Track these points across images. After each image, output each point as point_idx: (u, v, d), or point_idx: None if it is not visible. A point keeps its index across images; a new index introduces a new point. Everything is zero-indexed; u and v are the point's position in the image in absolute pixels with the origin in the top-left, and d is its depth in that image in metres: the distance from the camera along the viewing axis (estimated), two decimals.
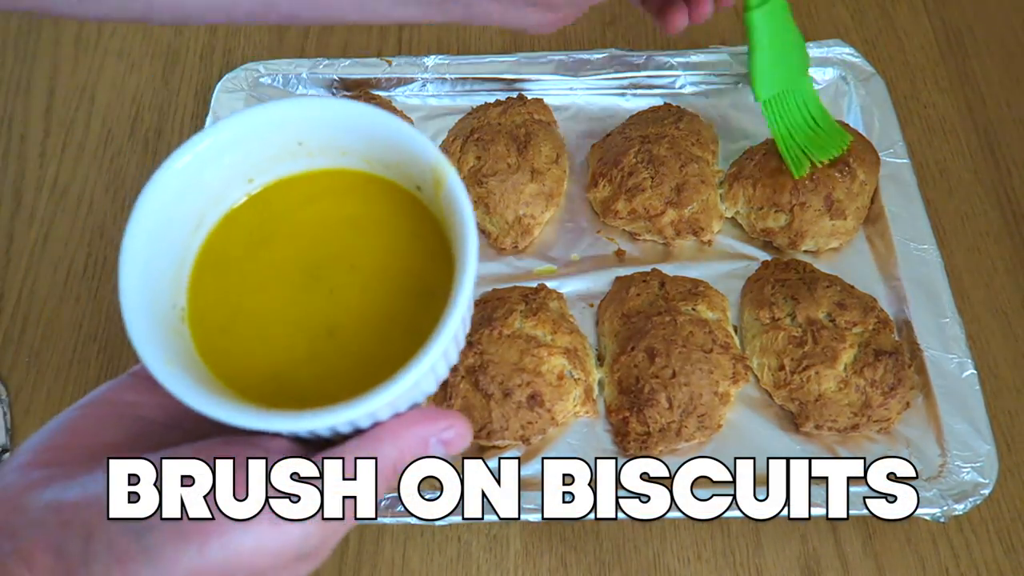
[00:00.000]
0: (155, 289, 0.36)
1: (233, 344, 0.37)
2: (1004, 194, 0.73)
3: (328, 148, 0.39)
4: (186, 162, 0.37)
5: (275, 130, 0.38)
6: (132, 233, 0.35)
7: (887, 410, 0.59)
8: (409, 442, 0.34)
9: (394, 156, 0.38)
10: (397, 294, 0.37)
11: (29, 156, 0.76)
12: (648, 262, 0.68)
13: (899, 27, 0.83)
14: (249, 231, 0.39)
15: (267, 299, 0.38)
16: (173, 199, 0.36)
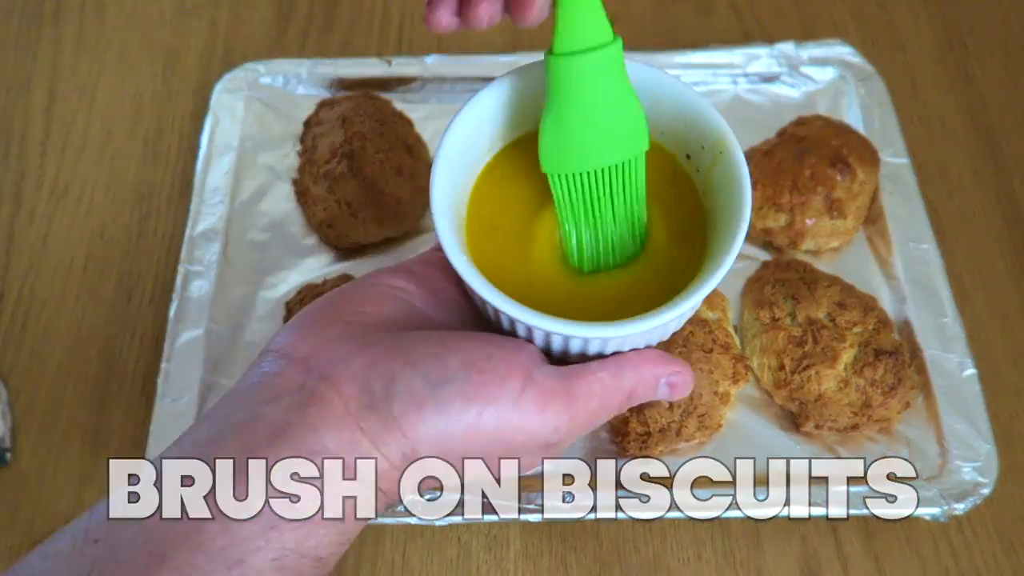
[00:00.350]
0: (454, 191, 0.40)
1: (498, 260, 0.41)
2: (1004, 194, 0.73)
3: None
4: (492, 96, 0.42)
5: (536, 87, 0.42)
6: (446, 145, 0.40)
7: (887, 410, 0.59)
8: (645, 376, 0.39)
9: (674, 120, 0.42)
10: (654, 242, 0.42)
11: (29, 156, 0.76)
12: None
13: (899, 27, 0.83)
14: (524, 165, 0.43)
15: (530, 225, 0.42)
16: (477, 124, 0.42)
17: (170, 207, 0.73)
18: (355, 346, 0.35)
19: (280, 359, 0.36)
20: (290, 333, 0.37)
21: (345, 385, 0.34)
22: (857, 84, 0.74)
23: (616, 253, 0.43)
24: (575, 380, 0.37)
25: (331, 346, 0.36)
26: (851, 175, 0.66)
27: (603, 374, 0.38)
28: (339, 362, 0.35)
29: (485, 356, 0.36)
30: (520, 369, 0.36)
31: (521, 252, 0.42)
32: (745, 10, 0.84)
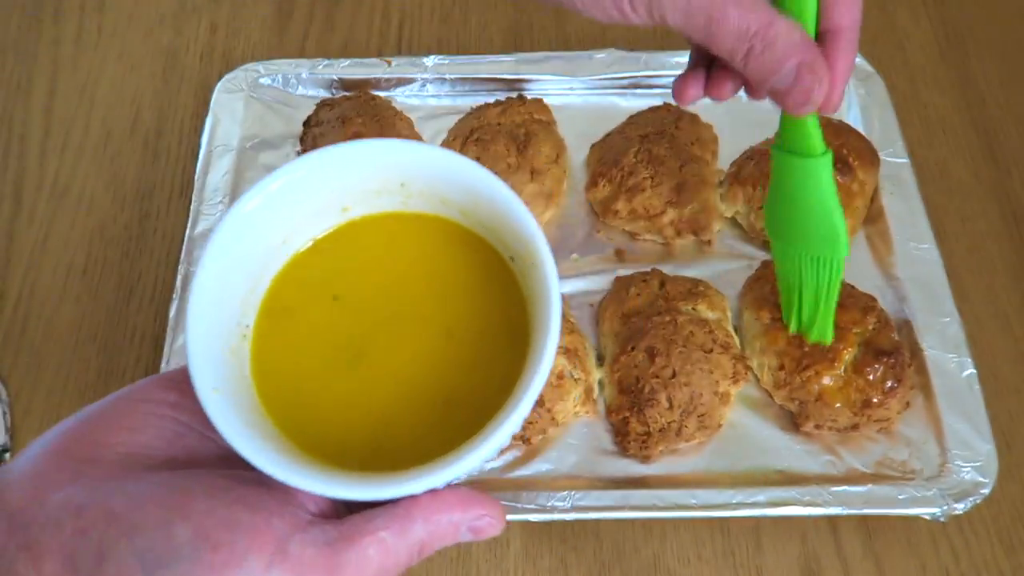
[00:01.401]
0: (224, 306, 0.35)
1: (290, 374, 0.36)
2: (1004, 194, 0.73)
3: (429, 194, 0.38)
4: (283, 181, 0.36)
5: (381, 167, 0.38)
6: (216, 242, 0.34)
7: (887, 410, 0.59)
8: (440, 526, 0.33)
9: (493, 220, 0.37)
10: (472, 358, 0.36)
11: (29, 156, 0.76)
12: (648, 262, 0.68)
13: (899, 27, 0.83)
14: (332, 261, 0.38)
15: (336, 332, 0.37)
16: (264, 213, 0.36)
17: (170, 207, 0.73)
18: (75, 503, 0.29)
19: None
20: (18, 466, 0.31)
21: (47, 560, 0.29)
22: (857, 84, 0.74)
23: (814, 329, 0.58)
24: (345, 547, 0.31)
25: (50, 497, 0.30)
26: (851, 175, 0.66)
27: (384, 533, 0.31)
28: (48, 524, 0.29)
29: (228, 524, 0.29)
30: (270, 539, 0.30)
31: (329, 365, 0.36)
32: None
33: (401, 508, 0.32)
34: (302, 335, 0.37)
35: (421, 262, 0.39)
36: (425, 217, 0.39)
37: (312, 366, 0.36)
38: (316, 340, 0.37)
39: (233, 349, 0.35)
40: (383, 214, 0.39)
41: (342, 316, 0.37)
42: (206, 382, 0.31)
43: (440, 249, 0.39)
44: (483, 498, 0.34)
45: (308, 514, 0.32)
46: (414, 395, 0.36)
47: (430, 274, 0.38)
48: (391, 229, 0.39)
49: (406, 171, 0.38)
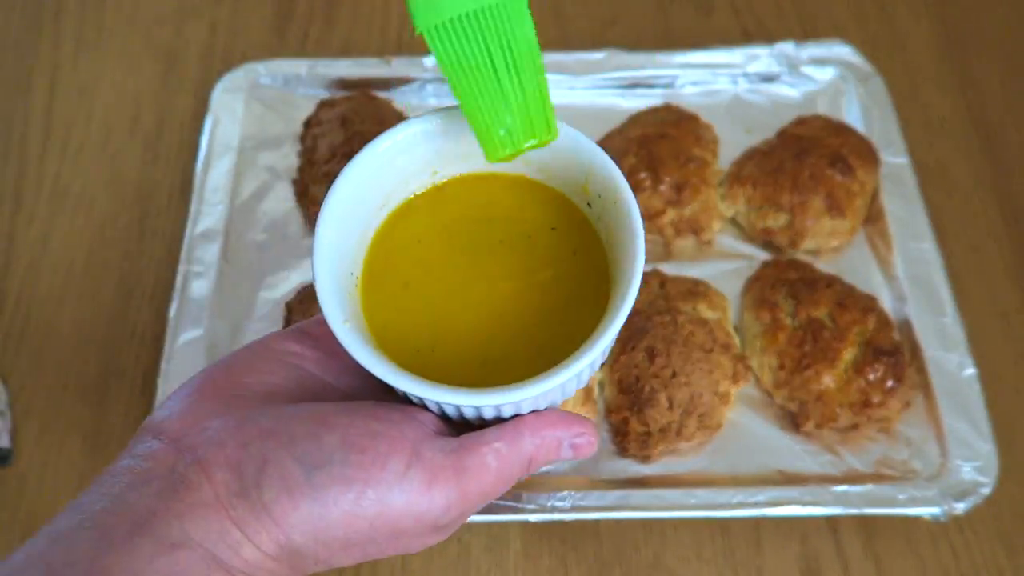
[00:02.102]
0: (341, 255, 0.39)
1: (395, 318, 0.39)
2: (1004, 194, 0.73)
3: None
4: (385, 147, 0.40)
5: (466, 130, 0.39)
6: (331, 202, 0.39)
7: (887, 410, 0.59)
8: (546, 441, 0.36)
9: (572, 172, 0.41)
10: (558, 298, 0.39)
11: (29, 156, 0.76)
12: (648, 262, 0.68)
13: (899, 27, 0.83)
14: (425, 217, 0.42)
15: (433, 281, 0.40)
16: (368, 178, 0.40)
17: (170, 207, 0.73)
18: (232, 425, 0.33)
19: (153, 438, 0.34)
20: (169, 407, 0.35)
21: (216, 469, 0.32)
22: (857, 84, 0.74)
23: (524, 127, 0.38)
24: (467, 454, 0.34)
25: (207, 424, 0.34)
26: (851, 175, 0.66)
27: (499, 444, 0.35)
28: (212, 444, 0.33)
29: (368, 433, 0.33)
30: (406, 445, 0.33)
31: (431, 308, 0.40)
32: (745, 10, 0.84)
33: (511, 425, 0.36)
34: (400, 284, 0.40)
35: (506, 213, 0.42)
36: (506, 176, 0.42)
37: (415, 307, 0.39)
38: (415, 286, 0.40)
39: (350, 292, 0.38)
40: (468, 175, 0.42)
41: (437, 265, 0.41)
42: (337, 316, 0.35)
43: (522, 202, 0.42)
44: (580, 418, 0.38)
45: (431, 430, 0.35)
46: (513, 330, 0.39)
47: (516, 222, 0.41)
48: (475, 187, 0.42)
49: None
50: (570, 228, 0.41)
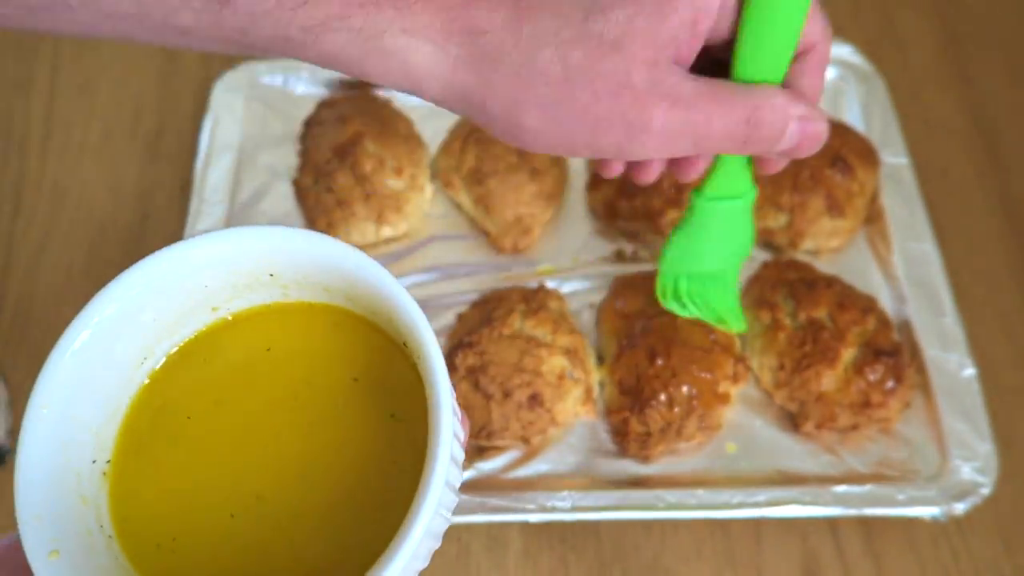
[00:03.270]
0: (70, 441, 0.30)
1: (159, 513, 0.31)
2: (1004, 194, 0.73)
3: (306, 283, 0.34)
4: (131, 291, 0.32)
5: (242, 259, 0.33)
6: (53, 366, 0.30)
7: (887, 409, 0.59)
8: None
9: (376, 305, 0.32)
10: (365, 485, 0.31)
11: (29, 156, 0.76)
12: (648, 262, 0.68)
13: (899, 27, 0.83)
14: (203, 374, 0.34)
15: (206, 462, 0.32)
16: (112, 328, 0.32)
17: (170, 207, 0.73)
18: None
19: None
20: None
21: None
22: (857, 84, 0.74)
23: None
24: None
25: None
26: (851, 175, 0.66)
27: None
28: None
29: None
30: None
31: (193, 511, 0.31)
32: None
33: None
34: (168, 464, 0.32)
35: (304, 360, 0.34)
36: (310, 307, 0.34)
37: (181, 498, 0.31)
38: (186, 464, 0.32)
39: (85, 494, 0.30)
40: (261, 308, 0.35)
41: (217, 434, 0.33)
42: (41, 546, 0.27)
43: (328, 341, 0.34)
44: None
45: None
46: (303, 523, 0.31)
47: (314, 372, 0.33)
48: (269, 325, 0.34)
49: (271, 260, 0.33)
50: (386, 378, 0.33)
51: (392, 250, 0.69)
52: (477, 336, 0.59)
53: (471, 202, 0.69)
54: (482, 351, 0.58)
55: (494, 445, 0.59)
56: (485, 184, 0.67)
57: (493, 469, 0.59)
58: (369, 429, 0.32)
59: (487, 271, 0.68)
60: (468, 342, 0.58)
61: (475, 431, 0.58)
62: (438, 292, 0.67)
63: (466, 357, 0.58)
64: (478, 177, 0.68)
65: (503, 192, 0.67)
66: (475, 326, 0.60)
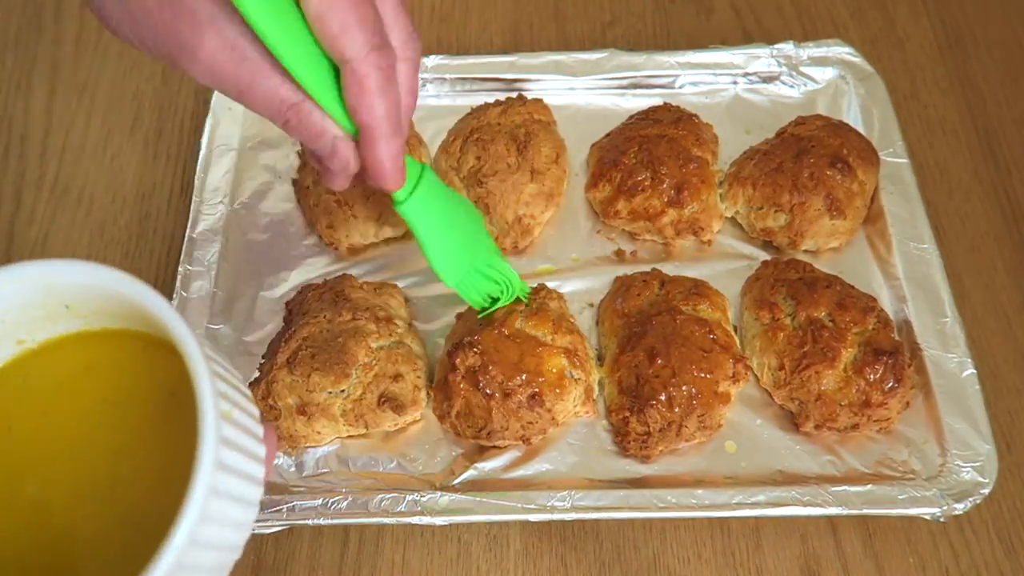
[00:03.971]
0: None
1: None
2: (1004, 194, 0.73)
3: (100, 311, 0.35)
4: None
5: (34, 293, 0.34)
6: None
7: (887, 409, 0.59)
8: None
9: (149, 321, 0.34)
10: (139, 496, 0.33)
11: (29, 156, 0.76)
12: (648, 262, 0.68)
13: (899, 27, 0.83)
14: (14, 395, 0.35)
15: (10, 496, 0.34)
16: None
17: (170, 207, 0.73)
18: None
19: None
20: None
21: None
22: (857, 84, 0.74)
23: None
24: None
25: None
26: (851, 175, 0.66)
27: None
28: None
29: None
30: None
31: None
32: (745, 10, 0.84)
33: None
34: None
35: (116, 376, 0.36)
36: (110, 333, 0.36)
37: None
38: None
39: None
40: (68, 336, 0.36)
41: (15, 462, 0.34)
42: None
43: (116, 361, 0.36)
44: None
45: None
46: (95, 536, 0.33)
47: (94, 388, 0.35)
48: (76, 350, 0.36)
49: (62, 293, 0.35)
50: (172, 390, 0.35)
51: (392, 250, 0.69)
52: (477, 336, 0.59)
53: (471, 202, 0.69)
54: (482, 351, 0.58)
55: (494, 445, 0.59)
56: (485, 184, 0.67)
57: (493, 469, 0.59)
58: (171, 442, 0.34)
59: None
60: (468, 342, 0.58)
61: (475, 431, 0.58)
62: (438, 292, 0.67)
63: (466, 357, 0.58)
64: (478, 177, 0.68)
65: (503, 192, 0.67)
66: (475, 326, 0.60)
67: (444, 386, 0.59)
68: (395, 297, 0.65)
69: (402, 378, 0.59)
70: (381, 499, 0.56)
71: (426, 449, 0.60)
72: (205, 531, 0.30)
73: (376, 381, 0.58)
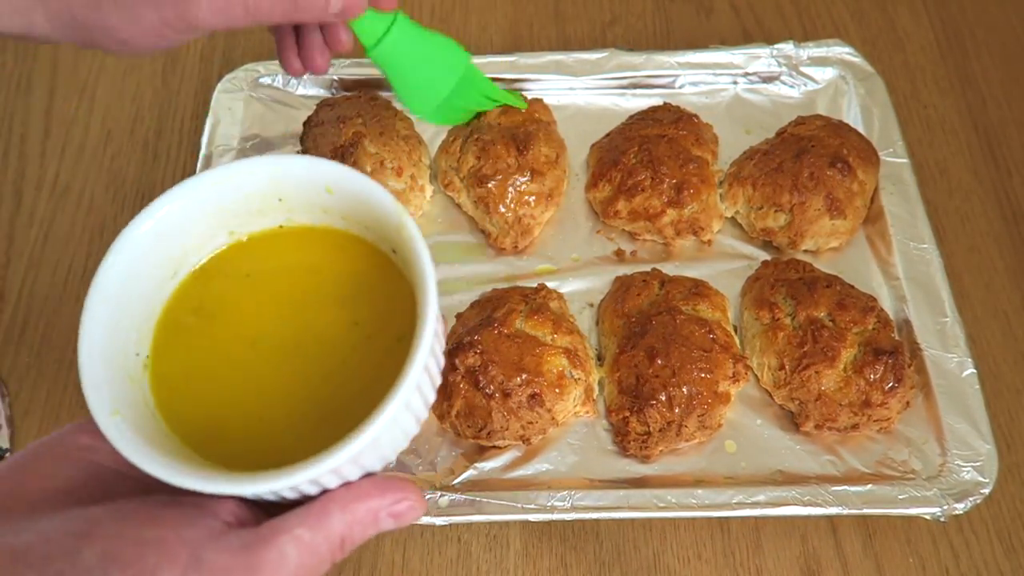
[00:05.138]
0: (119, 335, 0.36)
1: (191, 397, 0.36)
2: (1004, 194, 0.73)
3: (308, 206, 0.39)
4: (165, 211, 0.37)
5: (254, 186, 0.38)
6: (101, 280, 0.35)
7: (887, 409, 0.59)
8: (359, 516, 0.33)
9: (369, 217, 0.38)
10: (359, 359, 0.37)
11: (29, 156, 0.76)
12: (648, 262, 0.68)
13: (899, 27, 0.83)
14: (222, 284, 0.39)
15: (230, 355, 0.38)
16: (149, 244, 0.37)
17: None
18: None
19: None
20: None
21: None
22: (857, 84, 0.74)
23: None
24: (261, 548, 0.30)
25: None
26: (851, 175, 0.66)
27: (300, 530, 0.31)
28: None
29: (135, 542, 0.30)
30: (182, 552, 0.30)
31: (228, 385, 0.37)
32: (745, 10, 0.84)
33: (317, 504, 0.32)
34: (195, 358, 0.38)
35: (307, 272, 0.39)
36: (310, 229, 0.40)
37: (208, 384, 0.37)
38: (210, 358, 0.38)
39: (132, 376, 0.36)
40: (269, 231, 0.40)
41: (235, 333, 0.38)
42: (104, 407, 0.33)
43: (326, 258, 0.40)
44: (399, 483, 0.34)
45: (223, 524, 0.31)
46: (317, 400, 0.36)
47: (316, 283, 0.39)
48: (277, 245, 0.40)
49: (280, 186, 0.38)
50: (375, 284, 0.39)
51: None
52: (477, 336, 0.59)
53: (471, 202, 0.69)
54: (482, 351, 0.58)
55: (494, 445, 0.59)
56: (485, 184, 0.67)
57: (493, 469, 0.59)
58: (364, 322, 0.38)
59: (487, 271, 0.68)
60: (468, 342, 0.58)
61: (475, 431, 0.58)
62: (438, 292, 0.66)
63: (466, 357, 0.58)
64: (478, 177, 0.68)
65: (503, 192, 0.67)
66: (475, 326, 0.60)
67: (444, 386, 0.59)
68: None
69: None
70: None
71: (426, 449, 0.60)
72: (401, 416, 0.33)
73: None
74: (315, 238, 0.40)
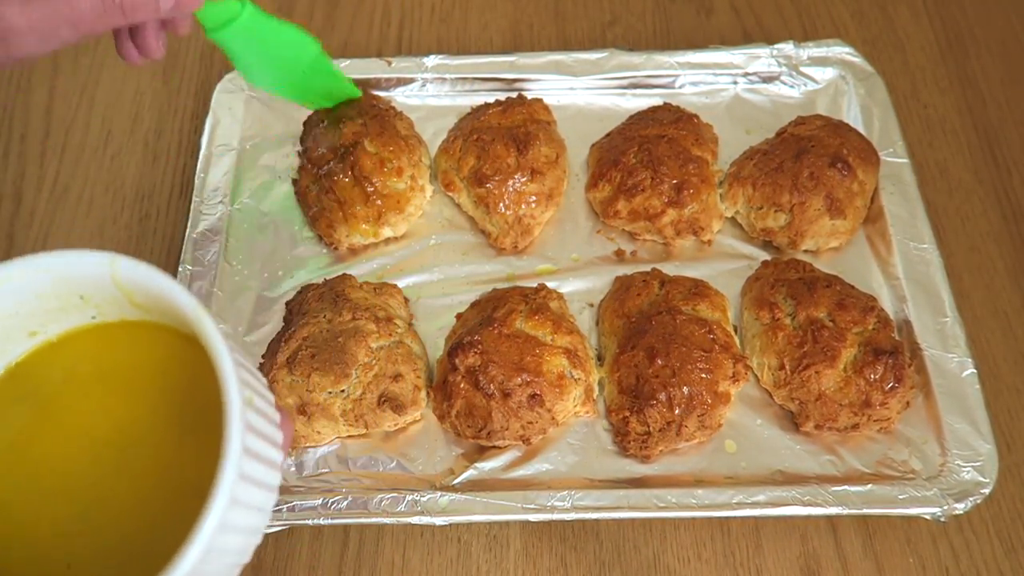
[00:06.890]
0: None
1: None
2: (1004, 194, 0.73)
3: (112, 300, 0.36)
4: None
5: (50, 284, 0.35)
6: None
7: (887, 409, 0.59)
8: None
9: (168, 312, 0.35)
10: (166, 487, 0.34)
11: (29, 156, 0.76)
12: (648, 262, 0.68)
13: (899, 27, 0.83)
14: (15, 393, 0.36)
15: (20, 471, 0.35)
16: None
17: (170, 207, 0.73)
18: None
19: None
20: None
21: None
22: (857, 84, 0.74)
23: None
24: None
25: None
26: (851, 175, 0.66)
27: None
28: None
29: None
30: None
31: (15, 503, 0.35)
32: (745, 10, 0.84)
33: None
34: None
35: (118, 373, 0.37)
36: (121, 324, 0.37)
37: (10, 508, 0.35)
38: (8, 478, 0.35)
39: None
40: (80, 329, 0.37)
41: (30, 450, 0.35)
42: None
43: (139, 354, 0.37)
44: None
45: None
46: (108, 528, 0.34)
47: (127, 383, 0.36)
48: (82, 347, 0.37)
49: (79, 284, 0.35)
50: (192, 375, 0.35)
51: (392, 250, 0.69)
52: (477, 336, 0.59)
53: (471, 202, 0.69)
54: (482, 351, 0.58)
55: (494, 445, 0.59)
56: (485, 184, 0.67)
57: (493, 469, 0.59)
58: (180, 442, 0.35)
59: (487, 271, 0.68)
60: (468, 342, 0.58)
61: (475, 431, 0.58)
62: (438, 292, 0.67)
63: (466, 357, 0.58)
64: (478, 177, 0.68)
65: (503, 192, 0.67)
66: (475, 326, 0.60)
67: (444, 386, 0.59)
68: (395, 297, 0.65)
69: (402, 378, 0.59)
70: (381, 499, 0.56)
71: (426, 449, 0.60)
72: (233, 515, 0.30)
73: (376, 381, 0.58)
74: (125, 333, 0.37)
